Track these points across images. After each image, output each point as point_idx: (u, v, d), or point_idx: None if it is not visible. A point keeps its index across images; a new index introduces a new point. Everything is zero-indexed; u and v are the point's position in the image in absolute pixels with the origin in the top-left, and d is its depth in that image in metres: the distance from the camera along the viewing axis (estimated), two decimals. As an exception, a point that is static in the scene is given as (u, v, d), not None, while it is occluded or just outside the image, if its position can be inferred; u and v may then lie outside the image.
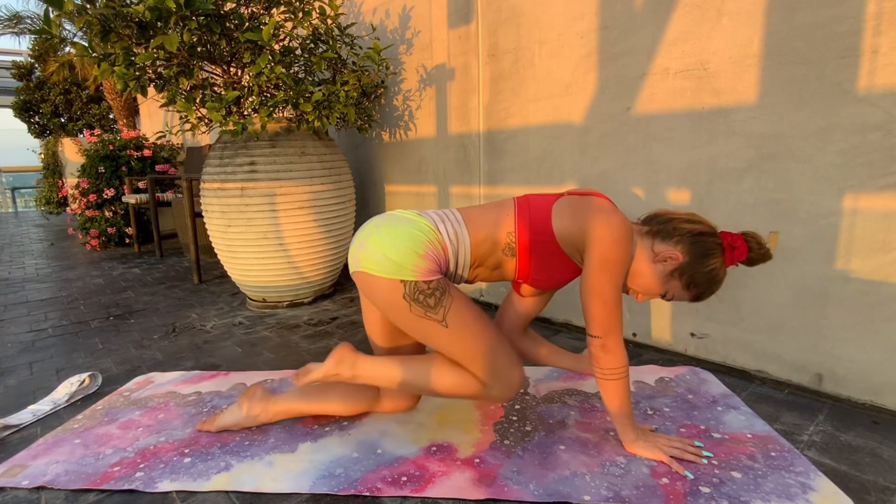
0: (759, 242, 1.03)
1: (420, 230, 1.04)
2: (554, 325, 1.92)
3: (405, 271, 1.00)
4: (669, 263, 1.03)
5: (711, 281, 1.03)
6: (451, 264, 1.08)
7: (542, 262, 1.07)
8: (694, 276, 1.02)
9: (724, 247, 1.02)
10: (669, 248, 1.03)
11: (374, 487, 0.99)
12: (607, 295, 0.98)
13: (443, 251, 1.05)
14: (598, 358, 1.01)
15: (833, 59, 1.19)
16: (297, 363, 1.64)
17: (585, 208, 1.03)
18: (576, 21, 1.67)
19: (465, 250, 1.08)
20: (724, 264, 1.03)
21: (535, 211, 1.07)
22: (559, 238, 1.04)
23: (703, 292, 1.04)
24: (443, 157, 2.26)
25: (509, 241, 1.07)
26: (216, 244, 2.23)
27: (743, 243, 1.02)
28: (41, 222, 7.32)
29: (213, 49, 1.98)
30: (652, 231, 1.06)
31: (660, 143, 1.52)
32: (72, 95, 7.11)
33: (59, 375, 1.61)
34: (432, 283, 1.02)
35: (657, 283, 1.05)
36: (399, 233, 1.04)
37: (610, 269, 0.98)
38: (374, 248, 1.03)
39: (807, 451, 1.07)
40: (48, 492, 1.02)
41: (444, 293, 1.02)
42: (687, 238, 1.02)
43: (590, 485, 0.97)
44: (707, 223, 1.05)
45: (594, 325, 1.00)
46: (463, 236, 1.08)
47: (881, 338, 1.21)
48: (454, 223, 1.09)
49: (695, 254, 1.01)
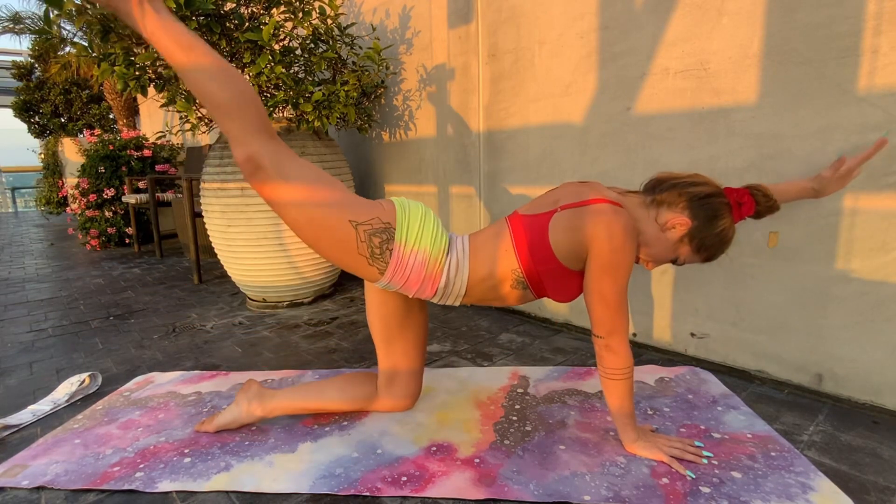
0: (765, 195, 1.02)
1: (440, 240, 1.05)
2: (554, 325, 1.92)
3: (402, 232, 1.02)
4: (678, 230, 1.01)
5: (722, 241, 1.02)
6: (437, 294, 1.08)
7: (554, 284, 1.06)
8: (704, 240, 1.01)
9: (731, 204, 1.01)
10: (676, 214, 1.01)
11: (374, 487, 0.99)
12: (611, 297, 0.97)
13: (433, 277, 1.05)
14: (603, 357, 1.01)
15: (833, 59, 1.19)
16: (298, 363, 1.64)
17: (583, 220, 0.99)
18: (576, 21, 1.67)
19: (461, 284, 1.07)
20: (733, 222, 1.02)
21: (535, 238, 1.03)
22: (562, 258, 1.02)
23: (714, 253, 1.04)
24: (443, 157, 2.26)
25: (517, 277, 1.06)
26: (216, 244, 2.23)
27: (749, 198, 1.01)
28: (41, 222, 7.32)
29: (213, 49, 1.98)
30: (656, 200, 1.04)
31: (660, 143, 1.52)
32: (72, 95, 7.11)
33: (59, 375, 1.61)
34: (381, 232, 1.02)
35: (668, 250, 1.04)
36: (430, 223, 1.06)
37: (613, 272, 0.97)
38: (413, 211, 1.05)
39: (807, 451, 1.07)
40: (48, 492, 1.02)
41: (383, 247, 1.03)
42: (693, 202, 1.00)
43: (590, 485, 0.97)
44: (712, 183, 1.03)
45: (599, 326, 0.99)
46: (463, 273, 1.07)
47: (881, 338, 1.21)
48: (460, 252, 1.08)
49: (703, 217, 1.00)
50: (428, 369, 1.53)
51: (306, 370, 1.57)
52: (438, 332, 1.87)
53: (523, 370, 1.51)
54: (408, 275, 1.04)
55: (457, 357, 1.64)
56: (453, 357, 1.64)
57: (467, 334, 1.85)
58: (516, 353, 1.65)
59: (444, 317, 2.05)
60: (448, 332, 1.87)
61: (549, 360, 1.59)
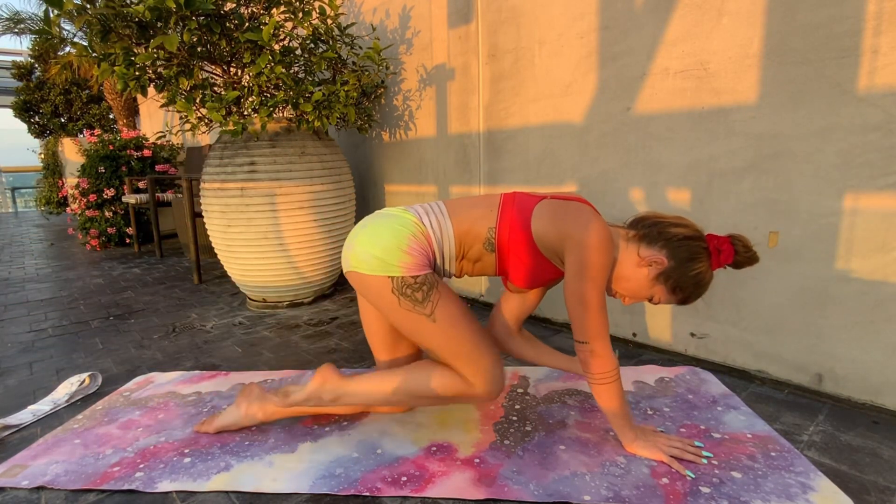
0: (745, 245, 1.02)
1: (403, 225, 1.06)
2: (554, 325, 1.92)
3: (392, 268, 1.02)
4: (655, 268, 1.03)
5: (697, 284, 1.02)
6: (438, 257, 1.10)
7: (520, 261, 1.08)
8: (679, 280, 1.02)
9: (710, 250, 1.02)
10: (655, 252, 1.03)
11: (374, 487, 0.99)
12: (590, 301, 0.97)
13: (428, 243, 1.07)
14: (588, 363, 1.01)
15: (833, 59, 1.19)
16: (298, 363, 1.64)
17: (564, 214, 1.03)
18: (576, 21, 1.67)
19: (449, 241, 1.09)
20: (711, 268, 1.02)
21: (518, 210, 1.07)
22: (537, 240, 1.05)
23: (688, 296, 1.04)
24: (443, 157, 2.26)
25: (489, 236, 1.08)
26: (216, 244, 2.23)
27: (729, 247, 1.01)
28: (41, 222, 7.32)
29: (213, 49, 1.98)
30: (638, 235, 1.06)
31: (660, 143, 1.52)
32: (72, 95, 7.11)
33: (59, 375, 1.61)
34: (419, 278, 1.03)
35: (643, 287, 1.05)
36: (383, 230, 1.06)
37: (590, 274, 0.97)
38: (361, 248, 1.05)
39: (807, 451, 1.07)
40: (48, 492, 1.02)
41: (431, 288, 1.04)
42: (672, 242, 1.02)
43: (590, 485, 0.97)
44: (693, 227, 1.04)
45: (580, 331, 1.00)
46: (446, 227, 1.09)
47: (881, 338, 1.21)
48: (438, 215, 1.10)
49: (680, 258, 1.01)
50: (428, 369, 1.53)
51: (306, 370, 1.57)
52: (438, 332, 1.87)
53: (523, 370, 1.51)
54: (420, 264, 1.06)
55: (457, 357, 1.64)
56: (453, 357, 1.64)
57: (467, 334, 1.84)
58: (516, 353, 1.65)
59: (444, 317, 2.05)
60: (448, 332, 1.87)
61: (549, 360, 1.59)
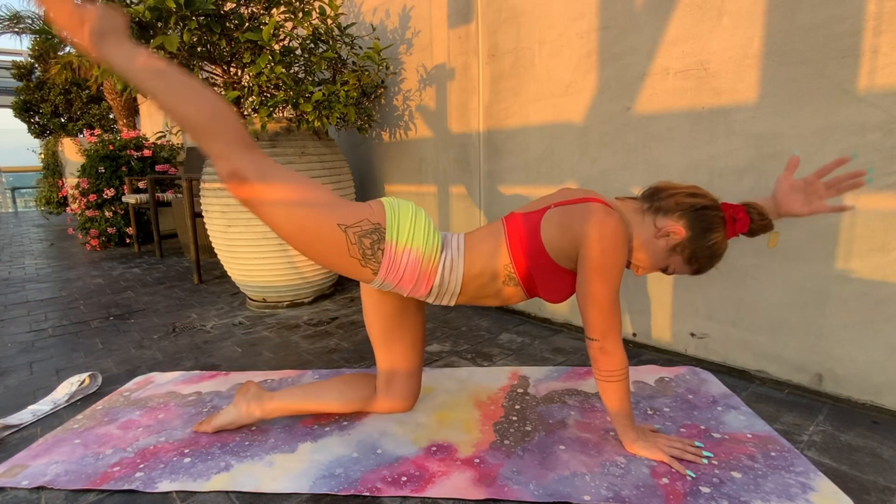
0: (760, 213, 1.03)
1: (432, 244, 1.05)
2: (554, 325, 1.92)
3: (393, 232, 1.02)
4: (672, 238, 1.02)
5: (713, 255, 1.03)
6: (430, 294, 1.09)
7: (545, 281, 1.07)
8: (696, 251, 1.02)
9: (726, 219, 1.02)
10: (672, 222, 1.02)
11: (374, 487, 0.99)
12: (603, 299, 0.97)
13: (427, 276, 1.06)
14: (598, 360, 1.01)
15: (833, 59, 1.19)
16: (298, 363, 1.64)
17: (574, 219, 1.01)
18: (576, 21, 1.67)
19: (456, 282, 1.08)
20: (726, 237, 1.03)
21: (527, 234, 1.05)
22: (553, 256, 1.04)
23: (702, 266, 1.04)
24: (443, 157, 2.26)
25: (508, 273, 1.07)
26: (216, 244, 2.23)
27: (745, 215, 1.02)
28: (41, 222, 7.32)
29: (213, 49, 1.98)
30: (653, 207, 1.05)
31: (660, 143, 1.52)
32: (72, 95, 7.11)
33: (59, 375, 1.61)
34: (371, 234, 1.02)
35: (659, 258, 1.05)
36: (421, 224, 1.06)
37: (605, 275, 0.97)
38: (402, 211, 1.06)
39: (807, 451, 1.07)
40: (48, 492, 1.03)
41: (374, 244, 1.03)
42: (689, 213, 1.01)
43: (590, 485, 0.97)
44: (709, 196, 1.04)
45: (592, 329, 1.00)
46: (457, 271, 1.07)
47: (881, 338, 1.21)
48: (454, 252, 1.08)
49: (697, 228, 1.01)
50: (428, 369, 1.53)
51: (306, 370, 1.57)
52: (438, 332, 1.87)
53: (523, 370, 1.51)
54: (401, 274, 1.04)
55: (457, 357, 1.64)
56: (453, 357, 1.64)
57: (467, 334, 1.85)
58: (516, 353, 1.65)
59: (444, 317, 2.05)
60: (448, 332, 1.87)
61: (549, 360, 1.59)
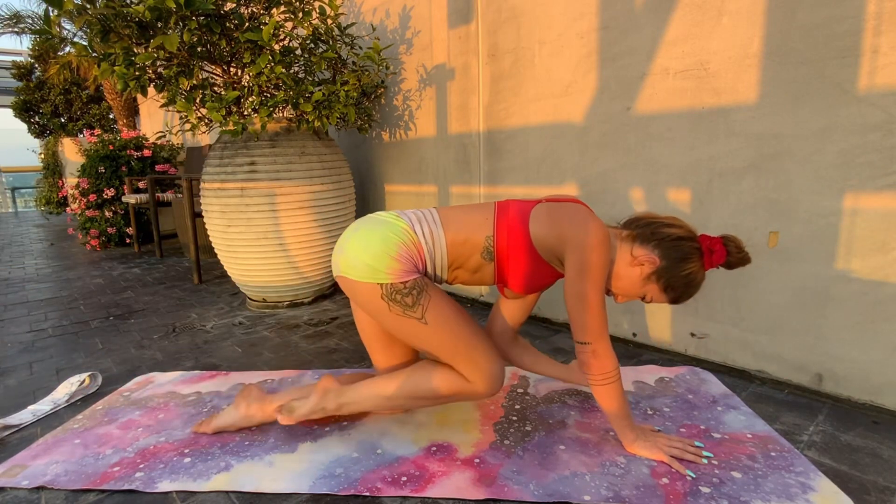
0: (737, 246, 1.04)
1: (394, 232, 1.06)
2: (554, 326, 1.92)
3: (380, 274, 1.02)
4: (647, 267, 1.04)
5: (689, 284, 1.04)
6: (429, 265, 1.09)
7: (520, 266, 1.08)
8: (671, 280, 1.03)
9: (703, 251, 1.03)
10: (647, 251, 1.04)
11: (374, 487, 0.99)
12: (590, 301, 0.98)
13: (418, 252, 1.07)
14: (589, 364, 1.01)
15: (833, 59, 1.19)
16: (298, 363, 1.64)
17: (562, 215, 1.04)
18: (576, 21, 1.67)
19: (441, 251, 1.09)
20: (703, 268, 1.04)
21: (514, 216, 1.07)
22: (536, 244, 1.05)
23: (680, 295, 1.05)
24: (443, 157, 2.26)
25: (487, 245, 1.08)
26: (216, 244, 2.23)
27: (721, 247, 1.03)
28: (41, 222, 7.32)
29: (213, 49, 1.98)
30: (632, 235, 1.07)
31: (660, 143, 1.52)
32: (72, 95, 7.11)
33: (59, 375, 1.61)
34: (408, 283, 1.03)
35: (636, 286, 1.06)
36: (373, 236, 1.05)
37: (590, 275, 0.98)
38: (351, 253, 1.05)
39: (807, 451, 1.07)
40: (48, 492, 1.02)
41: (421, 292, 1.04)
42: (665, 242, 1.03)
43: (590, 485, 0.97)
44: (686, 227, 1.06)
45: (581, 332, 1.00)
46: (439, 237, 1.09)
47: (881, 338, 1.21)
48: (431, 223, 1.10)
49: (672, 258, 1.02)
50: (428, 369, 1.53)
51: (306, 370, 1.57)
52: (438, 332, 1.87)
53: (523, 370, 1.50)
54: (409, 270, 1.05)
55: (457, 357, 1.63)
56: (453, 357, 1.64)
57: (467, 334, 1.84)
58: (516, 353, 1.65)
59: (444, 317, 2.05)
60: (448, 332, 1.87)
61: (549, 360, 1.59)
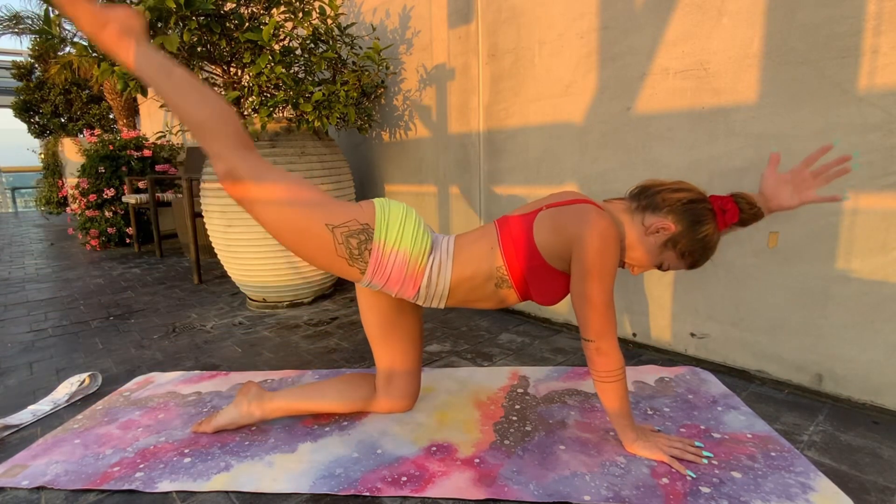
0: (749, 202, 1.03)
1: (419, 246, 1.05)
2: (554, 326, 1.92)
3: (382, 232, 1.03)
4: (662, 234, 1.03)
5: (706, 247, 1.03)
6: (420, 292, 1.08)
7: (538, 284, 1.06)
8: (688, 245, 1.02)
9: (715, 211, 1.02)
10: (660, 219, 1.03)
11: (374, 487, 0.99)
12: (598, 299, 0.97)
13: (414, 276, 1.05)
14: (594, 361, 1.01)
15: (833, 59, 1.19)
16: (298, 363, 1.64)
17: (565, 221, 1.02)
18: (576, 21, 1.67)
19: (444, 285, 1.07)
20: (717, 228, 1.02)
21: (519, 237, 1.05)
22: (547, 257, 1.04)
23: (697, 259, 1.04)
24: (443, 157, 2.26)
25: (501, 275, 1.07)
26: (216, 244, 2.23)
27: (733, 206, 1.02)
28: (41, 222, 7.32)
29: (213, 49, 1.98)
30: (641, 205, 1.06)
31: (660, 143, 1.52)
32: (72, 95, 7.11)
33: (59, 375, 1.61)
34: (360, 235, 1.03)
35: (652, 256, 1.05)
36: (414, 225, 1.05)
37: (596, 274, 0.97)
38: (395, 212, 1.06)
39: (807, 451, 1.07)
40: (48, 492, 1.02)
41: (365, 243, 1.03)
42: (677, 207, 1.02)
43: (590, 485, 0.97)
44: (695, 189, 1.04)
45: (588, 330, 1.00)
46: (445, 274, 1.06)
47: (881, 338, 1.21)
48: (444, 253, 1.08)
49: (686, 222, 1.01)
50: (428, 369, 1.53)
51: (306, 370, 1.57)
52: (438, 332, 1.87)
53: (523, 370, 1.51)
54: (388, 275, 1.04)
55: (457, 357, 1.64)
56: (453, 357, 1.64)
57: (467, 334, 1.85)
58: (516, 353, 1.65)
59: (444, 317, 2.05)
60: (448, 332, 1.87)
61: (549, 360, 1.59)
